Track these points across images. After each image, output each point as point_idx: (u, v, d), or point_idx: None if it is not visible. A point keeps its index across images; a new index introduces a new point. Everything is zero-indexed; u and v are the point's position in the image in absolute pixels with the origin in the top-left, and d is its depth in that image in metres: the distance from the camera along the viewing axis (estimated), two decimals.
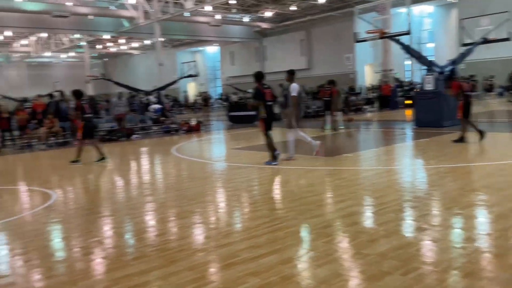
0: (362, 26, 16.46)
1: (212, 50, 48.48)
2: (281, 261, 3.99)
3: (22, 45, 44.33)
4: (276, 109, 12.62)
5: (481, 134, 10.43)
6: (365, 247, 4.21)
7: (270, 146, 9.11)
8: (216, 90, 47.89)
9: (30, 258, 4.51)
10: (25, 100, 22.77)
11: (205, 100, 37.56)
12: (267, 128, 9.02)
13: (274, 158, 9.11)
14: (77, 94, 11.23)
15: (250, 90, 37.67)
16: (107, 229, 5.50)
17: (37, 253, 4.65)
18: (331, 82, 15.88)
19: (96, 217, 6.02)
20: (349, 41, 28.81)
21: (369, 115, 23.19)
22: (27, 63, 50.18)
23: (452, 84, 11.03)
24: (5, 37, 40.80)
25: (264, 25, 37.35)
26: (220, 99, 40.09)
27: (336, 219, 5.26)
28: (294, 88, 9.20)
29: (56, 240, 5.19)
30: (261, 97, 8.89)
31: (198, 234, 5.04)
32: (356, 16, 17.24)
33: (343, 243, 4.43)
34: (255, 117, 20.57)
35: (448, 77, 13.86)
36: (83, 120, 10.97)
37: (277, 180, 8.06)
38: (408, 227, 4.93)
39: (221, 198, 6.91)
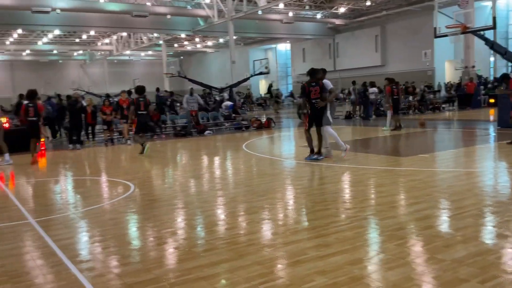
0: (442, 20, 15.70)
1: (284, 47, 48.53)
2: (350, 262, 3.91)
3: (104, 44, 47.12)
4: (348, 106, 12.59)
5: None
6: (440, 252, 4.02)
7: (309, 142, 9.57)
8: (287, 88, 47.90)
9: (108, 245, 4.78)
10: (108, 95, 24.10)
11: (276, 97, 37.66)
12: (310, 125, 9.50)
13: (312, 152, 9.56)
14: (139, 90, 12.33)
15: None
16: (180, 220, 5.69)
17: (114, 240, 4.92)
18: (391, 81, 15.31)
19: (170, 209, 6.26)
20: (427, 37, 27.62)
21: (447, 114, 22.09)
22: (108, 61, 53.20)
23: None
24: (89, 36, 43.59)
25: (338, 22, 36.73)
26: (291, 96, 40.05)
27: (410, 221, 5.06)
28: (329, 83, 9.54)
29: (133, 229, 5.46)
30: (305, 94, 9.43)
31: (267, 230, 5.08)
32: (436, 10, 16.47)
33: (416, 247, 4.26)
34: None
35: None
36: (136, 116, 12.05)
37: (348, 179, 7.92)
38: (487, 233, 4.64)
39: (290, 195, 6.91)
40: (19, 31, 37.19)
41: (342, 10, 33.88)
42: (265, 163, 10.07)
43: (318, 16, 36.16)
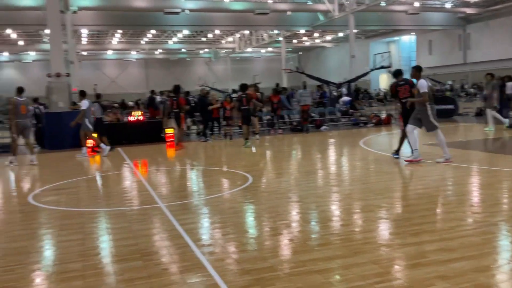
0: None
1: (408, 39, 46.20)
2: (476, 269, 3.63)
3: (227, 42, 49.33)
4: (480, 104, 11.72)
5: None
6: None
7: (401, 141, 9.45)
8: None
9: (227, 232, 5.04)
10: (234, 91, 25.10)
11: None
12: (405, 124, 9.15)
13: (397, 151, 9.47)
14: (243, 88, 14.03)
15: (450, 82, 34.85)
16: (295, 213, 5.78)
17: (233, 228, 5.17)
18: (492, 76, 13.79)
19: (286, 201, 6.38)
20: None
21: None
22: (231, 58, 55.60)
23: None
24: (214, 35, 45.99)
25: (469, 11, 33.95)
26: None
27: None
28: (423, 84, 8.52)
29: (250, 219, 5.68)
30: (393, 95, 9.37)
31: (384, 229, 4.92)
32: None
33: None
34: (453, 111, 19.04)
35: None
36: (240, 111, 13.77)
37: (476, 181, 7.33)
38: None
39: (409, 195, 6.60)
40: (153, 31, 40.61)
41: None
42: (384, 161, 9.73)
43: (447, 5, 33.77)
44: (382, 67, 28.14)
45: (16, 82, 52.74)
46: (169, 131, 15.99)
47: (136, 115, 16.20)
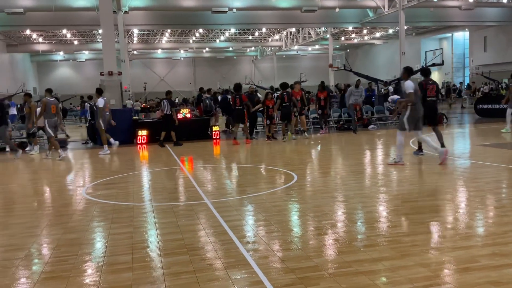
0: None
1: (461, 36, 44.50)
2: None
3: (274, 40, 49.35)
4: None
5: None
6: None
7: (438, 137, 9.96)
8: (464, 80, 43.92)
9: (272, 229, 5.05)
10: (271, 88, 25.10)
11: (447, 91, 34.82)
12: (429, 122, 9.83)
13: (420, 149, 10.14)
14: (283, 86, 14.88)
15: (505, 81, 33.26)
16: (340, 213, 5.71)
17: (278, 226, 5.17)
18: None
19: (331, 201, 6.32)
20: None
21: None
22: (277, 56, 55.58)
23: None
24: (260, 33, 46.13)
25: None
26: (468, 89, 36.64)
27: None
28: (409, 85, 8.63)
29: (294, 217, 5.66)
30: (422, 92, 9.47)
31: (433, 232, 4.77)
32: None
33: None
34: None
35: None
36: (280, 108, 14.61)
37: None
38: None
39: (461, 198, 6.36)
40: (200, 30, 41.27)
41: None
42: (434, 161, 9.42)
43: (504, 0, 32.21)
44: (434, 65, 27.20)
45: (71, 81, 55.24)
46: (215, 128, 16.23)
47: (184, 113, 16.53)
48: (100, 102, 13.23)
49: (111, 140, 13.34)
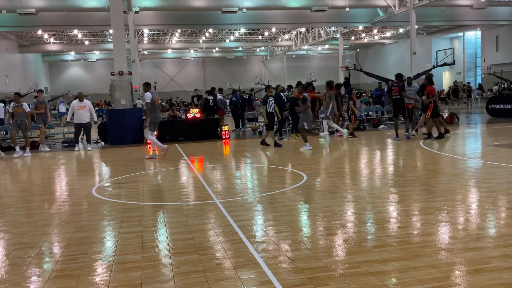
0: None
1: (473, 35, 44.08)
2: None
3: (283, 40, 49.27)
4: None
5: None
6: None
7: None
8: (475, 80, 43.52)
9: (281, 229, 5.04)
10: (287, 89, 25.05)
11: (454, 91, 34.45)
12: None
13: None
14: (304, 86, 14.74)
15: None
16: (350, 214, 5.68)
17: (287, 226, 5.16)
18: None
19: (341, 201, 6.29)
20: None
21: None
22: (287, 56, 55.49)
23: None
24: (270, 33, 46.10)
25: None
26: (479, 89, 36.32)
27: None
28: (147, 96, 11.16)
29: (304, 217, 5.64)
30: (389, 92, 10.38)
31: (444, 233, 4.73)
32: None
33: None
34: None
35: None
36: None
37: None
38: None
39: (472, 198, 6.30)
40: (210, 30, 41.34)
41: None
42: (445, 162, 9.35)
43: None
44: (445, 64, 26.99)
45: (82, 81, 55.63)
46: (225, 128, 16.26)
47: (193, 113, 16.58)
48: (148, 97, 11.49)
49: (159, 143, 11.84)
